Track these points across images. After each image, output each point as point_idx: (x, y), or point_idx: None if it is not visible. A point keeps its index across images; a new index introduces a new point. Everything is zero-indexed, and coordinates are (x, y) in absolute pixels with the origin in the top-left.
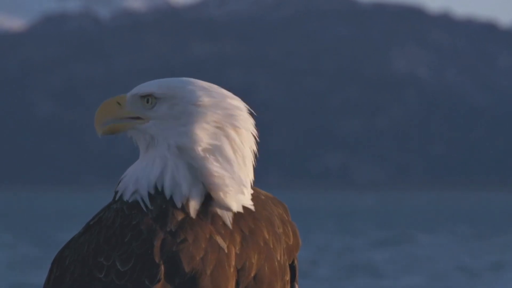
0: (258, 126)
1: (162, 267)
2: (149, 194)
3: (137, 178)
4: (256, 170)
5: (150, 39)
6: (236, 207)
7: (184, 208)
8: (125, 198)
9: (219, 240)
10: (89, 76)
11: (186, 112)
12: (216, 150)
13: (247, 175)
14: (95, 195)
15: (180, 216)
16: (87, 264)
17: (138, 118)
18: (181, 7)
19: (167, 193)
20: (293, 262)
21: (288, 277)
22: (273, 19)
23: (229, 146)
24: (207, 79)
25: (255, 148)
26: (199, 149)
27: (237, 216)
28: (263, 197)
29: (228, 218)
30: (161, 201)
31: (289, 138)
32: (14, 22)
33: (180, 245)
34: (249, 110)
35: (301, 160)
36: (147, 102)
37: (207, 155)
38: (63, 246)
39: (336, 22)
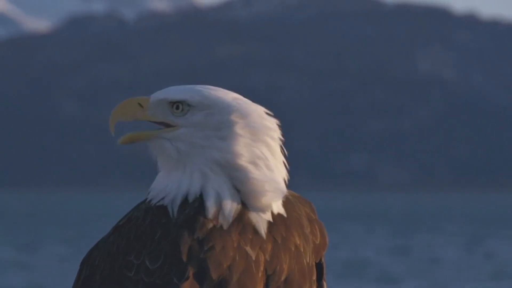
0: (282, 127)
1: (190, 267)
2: (181, 203)
3: (171, 189)
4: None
5: (175, 40)
6: (272, 214)
7: (217, 217)
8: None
9: (248, 249)
10: (114, 77)
11: (225, 124)
12: (256, 159)
13: (285, 180)
14: (120, 196)
15: (210, 224)
16: (117, 263)
17: (162, 124)
18: (205, 9)
19: (205, 202)
20: (320, 260)
21: (314, 276)
22: (297, 20)
23: (269, 153)
24: (231, 80)
25: (285, 152)
26: (241, 161)
27: (270, 224)
28: (291, 198)
29: (262, 227)
30: (192, 209)
31: (313, 139)
32: (40, 24)
33: (208, 253)
34: (272, 115)
35: (326, 161)
36: (177, 108)
37: (248, 165)
38: (92, 248)
39: (360, 23)
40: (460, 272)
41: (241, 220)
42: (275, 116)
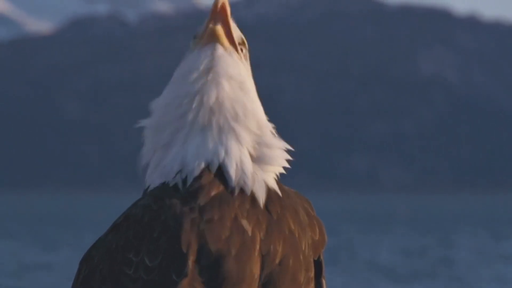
0: (285, 128)
1: (190, 261)
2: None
3: (190, 158)
4: (278, 178)
5: (177, 42)
6: (269, 190)
7: (221, 184)
8: (168, 179)
9: (244, 222)
10: (117, 79)
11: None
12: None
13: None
14: (123, 198)
15: (213, 191)
16: (116, 261)
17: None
18: (208, 10)
19: (228, 168)
20: (319, 257)
21: (312, 274)
22: (299, 21)
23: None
24: None
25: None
26: (261, 123)
27: (267, 197)
28: (287, 189)
29: (261, 197)
30: (206, 179)
31: (315, 140)
32: (43, 25)
33: (207, 224)
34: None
35: (328, 162)
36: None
37: (264, 128)
38: (90, 247)
39: (362, 24)
40: (469, 272)
41: (241, 189)
42: (277, 116)
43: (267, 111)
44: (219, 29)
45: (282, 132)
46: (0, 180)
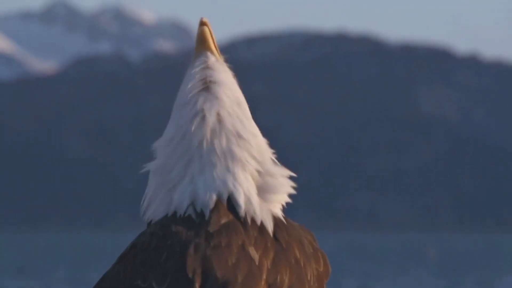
0: (286, 165)
1: (197, 285)
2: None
3: (197, 190)
4: (283, 209)
5: (179, 80)
6: (275, 218)
7: (230, 213)
8: (180, 212)
9: (251, 250)
10: (120, 117)
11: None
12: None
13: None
14: (127, 235)
15: (223, 220)
16: None
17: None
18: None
19: (237, 201)
20: None
21: None
22: (301, 60)
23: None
24: None
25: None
26: (272, 157)
27: (275, 225)
28: (291, 221)
29: (269, 225)
30: (217, 212)
31: (317, 178)
32: (46, 65)
33: (214, 250)
34: None
35: (329, 199)
36: None
37: (267, 160)
38: (98, 281)
39: (363, 63)
40: None
41: (248, 218)
42: (278, 154)
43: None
44: (206, 31)
45: None
46: (4, 218)
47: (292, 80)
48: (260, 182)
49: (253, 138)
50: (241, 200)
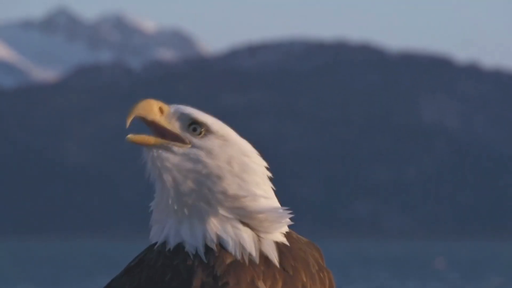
0: (288, 174)
1: None
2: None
3: (187, 237)
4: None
5: (181, 89)
6: (278, 245)
7: (234, 254)
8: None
9: (260, 284)
10: (121, 126)
11: (240, 161)
12: (263, 194)
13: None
14: (128, 244)
15: (227, 260)
16: None
17: (174, 139)
18: (211, 58)
19: (226, 247)
20: None
21: None
22: (302, 70)
23: (268, 188)
24: (236, 129)
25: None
26: (254, 200)
27: (280, 254)
28: (295, 237)
29: (274, 256)
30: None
31: (318, 187)
32: (48, 74)
33: None
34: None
35: (330, 209)
36: (194, 130)
37: (256, 201)
38: (104, 287)
39: (364, 72)
40: None
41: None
42: (280, 163)
43: (269, 158)
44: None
45: (285, 178)
46: (4, 226)
47: (293, 88)
48: (250, 222)
49: (221, 192)
50: (231, 248)
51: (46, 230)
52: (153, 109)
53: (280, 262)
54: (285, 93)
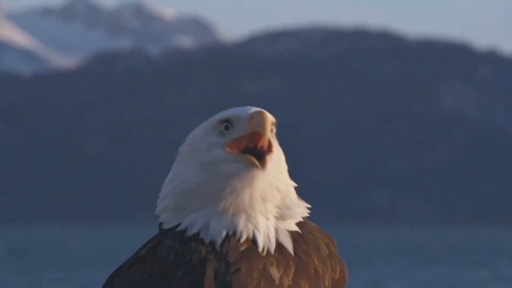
0: (306, 162)
1: None
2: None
3: (218, 229)
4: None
5: (200, 76)
6: (291, 232)
7: (253, 244)
8: (190, 231)
9: (273, 271)
10: (140, 113)
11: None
12: (292, 183)
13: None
14: (147, 232)
15: (242, 247)
16: None
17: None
18: (230, 45)
19: (257, 240)
20: None
21: None
22: (321, 57)
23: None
24: None
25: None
26: (291, 190)
27: (293, 240)
28: (306, 222)
29: (289, 243)
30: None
31: (337, 175)
32: (67, 61)
33: (234, 275)
34: None
35: (349, 197)
36: None
37: (291, 191)
38: (113, 273)
39: (383, 59)
40: None
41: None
42: (299, 151)
43: (288, 146)
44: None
45: (304, 167)
46: (23, 213)
47: (312, 75)
48: (277, 215)
49: (277, 191)
50: (261, 242)
51: (64, 217)
52: (270, 128)
53: (294, 249)
54: (304, 80)
